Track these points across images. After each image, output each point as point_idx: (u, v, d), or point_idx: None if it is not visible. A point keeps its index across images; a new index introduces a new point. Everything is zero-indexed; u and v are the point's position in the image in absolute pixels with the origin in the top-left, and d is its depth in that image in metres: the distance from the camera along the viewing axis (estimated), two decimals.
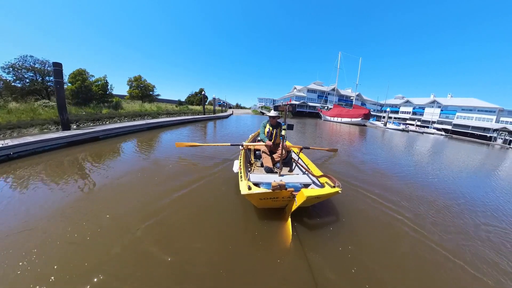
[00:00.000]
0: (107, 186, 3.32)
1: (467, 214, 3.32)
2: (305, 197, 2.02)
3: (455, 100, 48.23)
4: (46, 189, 3.13)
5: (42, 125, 9.83)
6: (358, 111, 33.82)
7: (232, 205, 2.91)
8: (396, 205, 3.33)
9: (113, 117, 13.22)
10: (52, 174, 3.72)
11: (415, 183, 4.66)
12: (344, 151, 8.04)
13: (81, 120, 11.39)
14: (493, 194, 4.51)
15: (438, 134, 31.58)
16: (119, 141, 7.20)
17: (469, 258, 2.20)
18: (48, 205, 2.68)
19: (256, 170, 3.93)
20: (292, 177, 3.41)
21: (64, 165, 4.32)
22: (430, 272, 1.99)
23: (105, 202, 2.83)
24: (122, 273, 1.71)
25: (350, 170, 5.17)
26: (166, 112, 19.95)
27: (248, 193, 2.19)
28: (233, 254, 2.00)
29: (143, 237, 2.14)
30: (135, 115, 14.85)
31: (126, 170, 4.08)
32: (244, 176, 2.75)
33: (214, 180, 3.84)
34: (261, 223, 2.51)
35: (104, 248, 1.97)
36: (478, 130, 40.02)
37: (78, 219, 2.39)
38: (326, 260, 2.01)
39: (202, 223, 2.47)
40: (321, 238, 2.34)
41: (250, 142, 5.17)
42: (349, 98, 59.46)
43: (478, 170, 7.23)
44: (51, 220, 2.37)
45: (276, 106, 3.75)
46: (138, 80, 23.68)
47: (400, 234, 2.58)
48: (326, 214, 2.84)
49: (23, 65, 14.46)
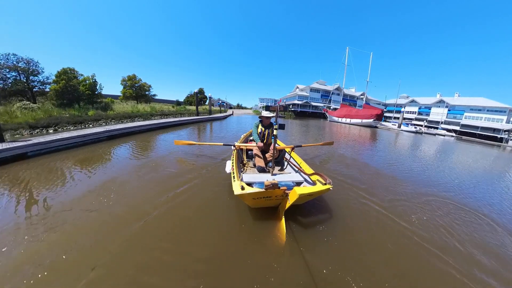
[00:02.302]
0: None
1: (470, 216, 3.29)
2: (298, 195, 2.03)
3: (462, 99, 46.69)
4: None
5: (15, 129, 8.90)
6: (370, 111, 30.12)
7: (226, 206, 2.90)
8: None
9: (99, 119, 12.30)
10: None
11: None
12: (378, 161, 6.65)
13: (61, 123, 10.49)
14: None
15: (449, 135, 29.85)
16: (48, 161, 4.60)
17: (466, 258, 2.24)
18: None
19: (249, 170, 3.91)
20: (285, 176, 3.43)
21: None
22: (419, 265, 2.06)
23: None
24: (118, 273, 1.72)
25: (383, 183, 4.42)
26: (161, 113, 19.01)
27: (241, 193, 2.19)
28: (228, 254, 2.01)
29: (134, 239, 2.13)
30: (124, 116, 13.91)
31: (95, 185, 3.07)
32: (237, 176, 2.75)
33: (206, 181, 3.76)
34: (255, 223, 2.53)
35: (102, 245, 2.00)
36: (487, 131, 38.52)
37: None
38: (321, 255, 2.07)
39: (195, 225, 2.45)
40: (315, 234, 2.39)
41: (242, 142, 5.12)
42: (354, 97, 58.00)
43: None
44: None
45: (267, 106, 3.79)
46: (133, 79, 22.67)
47: (390, 229, 2.67)
48: (319, 211, 2.90)
49: (5, 64, 13.62)
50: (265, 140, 4.18)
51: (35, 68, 14.72)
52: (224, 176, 3.89)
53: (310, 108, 50.69)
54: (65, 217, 2.46)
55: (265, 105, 9.99)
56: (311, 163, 4.70)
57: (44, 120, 9.97)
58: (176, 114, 20.84)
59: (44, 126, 9.54)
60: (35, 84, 15.17)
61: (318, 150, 7.26)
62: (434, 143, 15.43)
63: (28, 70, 14.52)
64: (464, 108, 44.25)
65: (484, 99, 43.19)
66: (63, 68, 13.73)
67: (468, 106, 43.68)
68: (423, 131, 29.38)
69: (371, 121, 28.65)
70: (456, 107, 45.64)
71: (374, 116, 28.50)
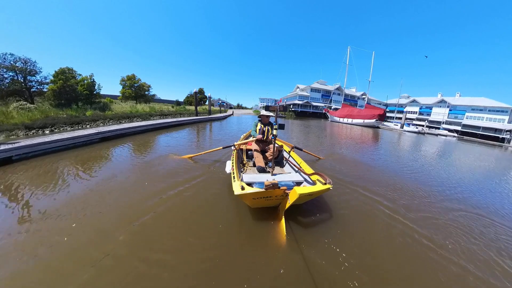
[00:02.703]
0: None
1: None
2: (298, 195, 2.01)
3: (464, 99, 46.38)
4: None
5: (11, 130, 8.74)
6: (372, 112, 29.75)
7: (226, 206, 2.88)
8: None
9: (97, 119, 12.13)
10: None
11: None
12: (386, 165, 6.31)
13: (58, 123, 10.32)
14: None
15: (450, 135, 29.59)
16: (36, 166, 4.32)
17: (463, 256, 2.25)
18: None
19: (249, 170, 3.90)
20: (285, 176, 3.43)
21: None
22: (419, 262, 2.09)
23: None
24: (116, 274, 1.72)
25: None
26: (160, 113, 18.84)
27: (242, 193, 2.17)
28: (229, 254, 2.00)
29: (132, 238, 2.13)
30: (122, 117, 13.74)
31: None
32: (237, 177, 2.72)
33: (205, 181, 3.72)
34: (256, 223, 2.52)
35: (102, 244, 2.01)
36: (489, 131, 38.26)
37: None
38: (321, 254, 2.06)
39: (194, 225, 2.43)
40: (315, 234, 2.38)
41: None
42: (354, 97, 57.75)
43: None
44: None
45: (267, 106, 3.81)
46: (132, 79, 22.51)
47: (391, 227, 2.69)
48: (319, 211, 2.89)
49: (3, 64, 13.46)
50: (265, 136, 4.18)
51: (33, 68, 14.56)
52: (224, 176, 3.88)
53: (310, 108, 50.44)
54: (48, 225, 2.30)
55: (265, 105, 9.72)
56: (310, 163, 4.73)
57: (40, 121, 9.81)
58: (175, 114, 20.66)
59: (40, 127, 9.37)
60: (33, 84, 15.01)
61: (319, 152, 7.17)
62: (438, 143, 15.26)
63: (26, 70, 14.35)
64: (466, 108, 43.97)
65: (486, 99, 42.90)
66: (61, 68, 13.56)
67: (470, 106, 43.40)
68: (425, 131, 29.05)
69: (374, 121, 28.27)
70: (457, 107, 45.36)
71: (376, 116, 28.13)
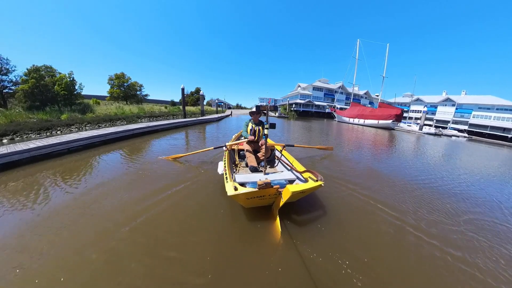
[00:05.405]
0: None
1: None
2: (291, 192, 2.03)
3: (470, 98, 45.05)
4: None
5: None
6: (388, 111, 26.48)
7: (219, 207, 2.87)
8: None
9: (71, 124, 10.63)
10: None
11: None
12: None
13: (23, 130, 8.84)
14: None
15: (462, 136, 27.72)
16: None
17: (462, 254, 2.21)
18: None
19: (241, 170, 3.93)
20: (277, 175, 3.42)
21: None
22: (412, 257, 2.10)
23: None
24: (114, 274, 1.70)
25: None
26: (150, 115, 17.34)
27: (235, 194, 2.16)
28: (223, 255, 2.00)
29: (128, 240, 2.10)
30: (104, 120, 12.23)
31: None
32: (229, 177, 2.72)
33: (197, 183, 3.65)
34: (250, 223, 2.52)
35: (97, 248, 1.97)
36: (497, 130, 36.90)
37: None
38: (316, 251, 2.08)
39: (188, 227, 2.40)
40: (310, 231, 2.41)
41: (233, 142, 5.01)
42: (357, 96, 55.87)
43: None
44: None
45: (257, 106, 3.74)
46: (121, 78, 20.93)
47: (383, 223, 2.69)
48: (312, 208, 2.93)
49: None
50: (256, 137, 4.14)
51: (5, 67, 13.05)
52: (216, 177, 3.83)
53: (313, 108, 48.62)
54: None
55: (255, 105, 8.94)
56: (302, 161, 4.64)
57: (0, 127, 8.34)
58: (167, 116, 19.19)
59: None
60: (6, 85, 13.50)
61: (318, 154, 6.76)
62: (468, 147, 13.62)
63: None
64: (472, 106, 42.61)
65: (493, 97, 41.74)
66: (35, 66, 12.06)
67: (476, 104, 42.09)
68: (442, 132, 26.15)
69: (390, 122, 25.13)
70: (463, 106, 43.96)
71: (393, 117, 25.01)
